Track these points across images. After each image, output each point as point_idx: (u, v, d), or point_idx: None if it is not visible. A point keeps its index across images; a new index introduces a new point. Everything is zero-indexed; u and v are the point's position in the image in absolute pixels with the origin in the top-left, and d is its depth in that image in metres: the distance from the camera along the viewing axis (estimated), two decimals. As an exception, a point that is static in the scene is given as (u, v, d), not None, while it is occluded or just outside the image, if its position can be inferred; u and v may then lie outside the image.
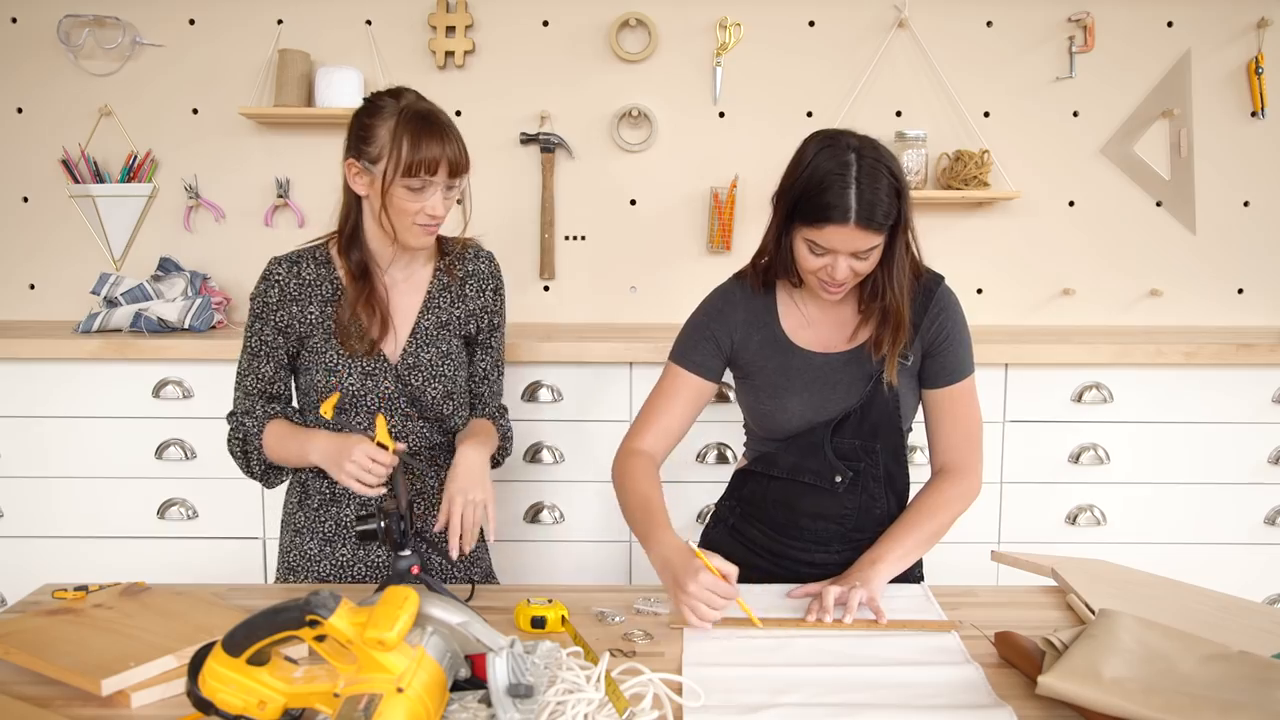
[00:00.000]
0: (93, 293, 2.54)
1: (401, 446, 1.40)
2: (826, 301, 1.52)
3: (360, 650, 0.88)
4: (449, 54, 2.73)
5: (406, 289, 1.60)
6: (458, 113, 2.75)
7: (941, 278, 1.54)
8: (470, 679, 0.97)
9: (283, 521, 1.68)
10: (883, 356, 1.47)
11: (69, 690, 1.05)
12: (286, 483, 1.67)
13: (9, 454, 2.35)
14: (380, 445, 1.37)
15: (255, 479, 1.60)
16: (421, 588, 0.96)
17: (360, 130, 1.53)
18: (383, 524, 1.24)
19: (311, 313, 1.56)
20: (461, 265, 1.64)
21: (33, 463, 2.35)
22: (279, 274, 1.57)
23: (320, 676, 0.93)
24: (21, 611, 1.25)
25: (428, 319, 1.59)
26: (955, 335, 1.51)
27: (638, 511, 1.46)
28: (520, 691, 0.91)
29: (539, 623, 1.22)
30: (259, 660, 0.92)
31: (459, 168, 1.49)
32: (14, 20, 2.74)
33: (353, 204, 1.58)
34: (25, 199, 2.79)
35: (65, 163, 2.74)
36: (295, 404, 1.63)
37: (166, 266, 2.68)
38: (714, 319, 1.57)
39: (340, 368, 1.54)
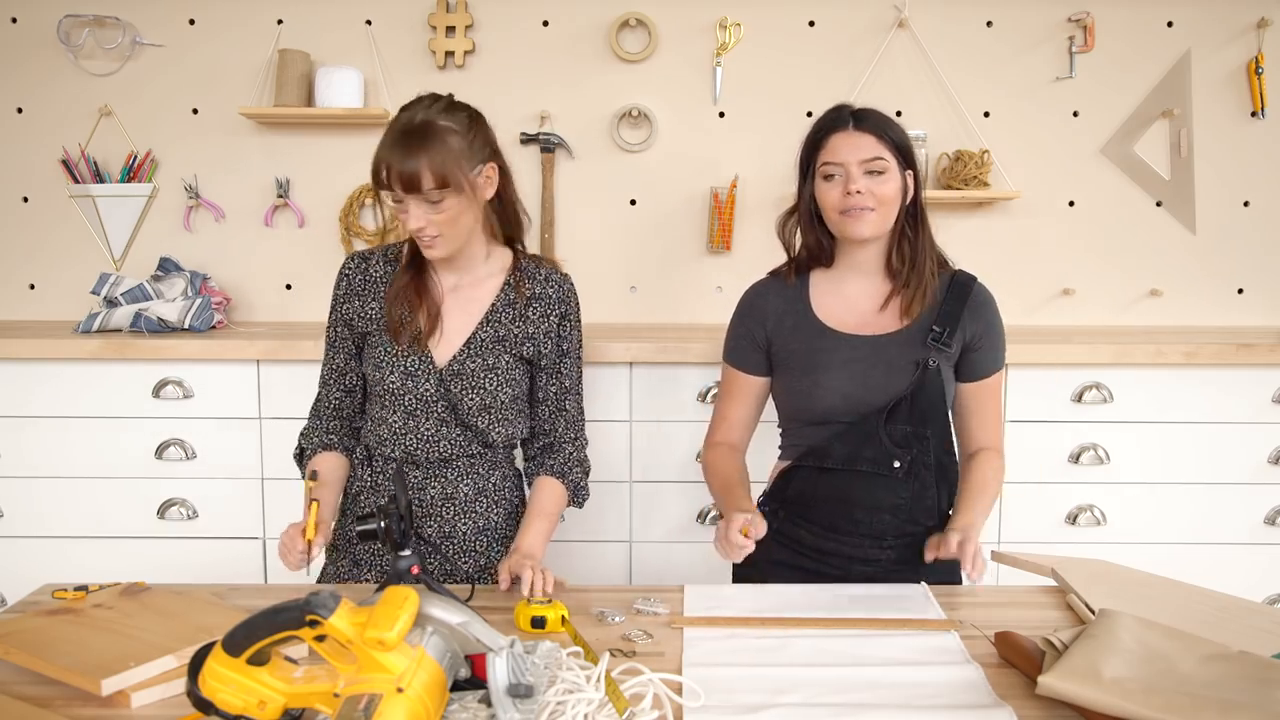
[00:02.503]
0: (93, 293, 2.54)
1: (319, 541, 1.42)
2: (856, 268, 1.57)
3: (360, 650, 0.88)
4: (449, 54, 2.73)
5: (467, 297, 1.60)
6: (458, 113, 2.75)
7: (974, 275, 1.61)
8: (470, 679, 0.97)
9: (331, 547, 1.70)
10: (925, 338, 1.52)
11: (69, 690, 1.05)
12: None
13: (9, 454, 2.35)
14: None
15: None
16: (421, 588, 0.96)
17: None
18: (383, 524, 1.24)
19: (372, 308, 1.60)
20: (530, 285, 1.62)
21: (33, 463, 2.35)
22: (349, 269, 1.63)
23: (320, 676, 0.93)
24: (21, 611, 1.25)
25: (485, 331, 1.59)
26: (996, 330, 1.59)
27: (720, 491, 1.60)
28: (520, 691, 0.91)
29: (539, 623, 1.23)
30: (259, 660, 0.92)
31: (413, 184, 1.43)
32: (14, 20, 2.74)
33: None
34: (25, 199, 2.79)
35: (65, 163, 2.74)
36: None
37: (166, 266, 2.68)
38: (747, 316, 1.64)
39: (385, 364, 1.57)
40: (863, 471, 1.53)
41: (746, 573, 1.63)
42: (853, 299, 1.58)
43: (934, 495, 1.54)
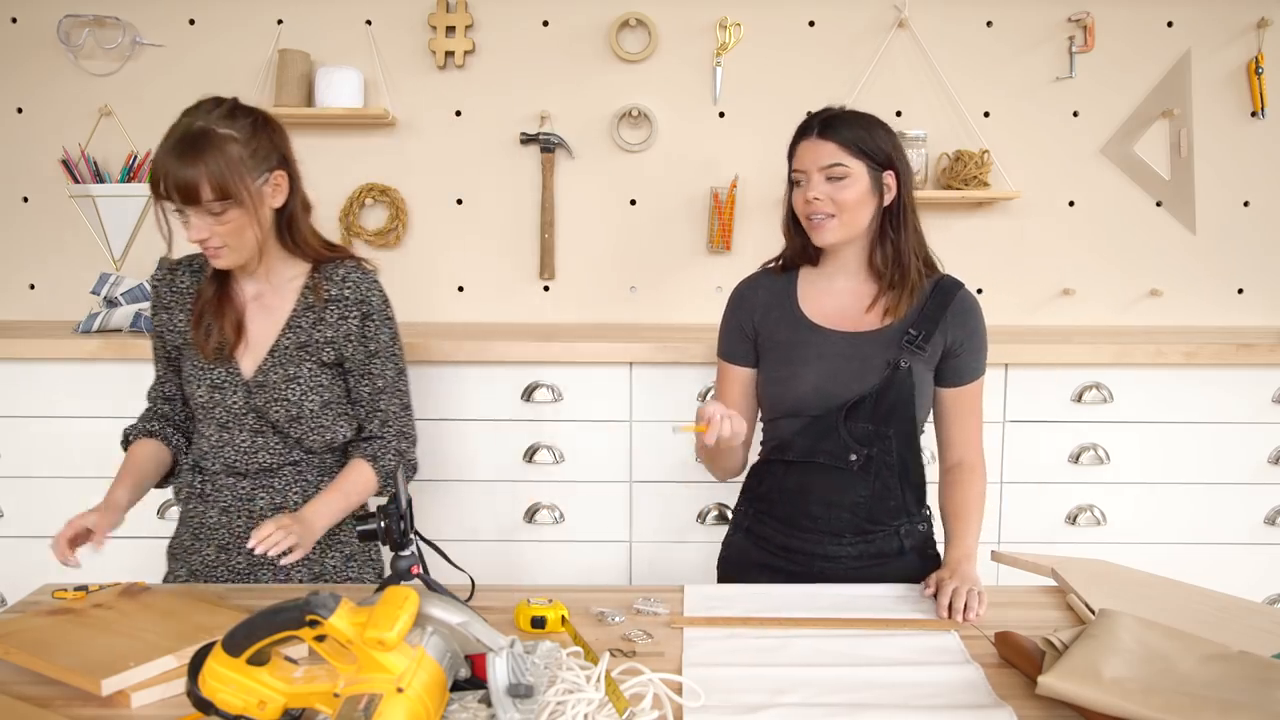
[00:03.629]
0: (93, 293, 2.54)
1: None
2: (840, 267, 1.60)
3: (360, 650, 0.88)
4: (449, 54, 2.73)
5: (267, 305, 1.58)
6: (457, 113, 2.76)
7: (960, 282, 1.61)
8: (470, 679, 0.97)
9: (180, 519, 1.68)
10: (901, 339, 1.53)
11: (69, 690, 1.05)
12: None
13: (9, 454, 2.35)
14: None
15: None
16: (421, 588, 0.96)
17: None
18: (383, 524, 1.24)
19: (179, 320, 1.59)
20: (328, 286, 1.57)
21: (33, 463, 2.35)
22: (157, 280, 1.63)
23: (320, 676, 0.93)
24: (21, 611, 1.25)
25: (287, 338, 1.56)
26: (976, 336, 1.58)
27: (704, 454, 1.65)
28: (520, 691, 0.91)
29: (539, 623, 1.22)
30: (259, 660, 0.92)
31: (191, 194, 1.39)
32: (14, 20, 2.74)
33: None
34: (25, 199, 2.79)
35: (65, 163, 2.74)
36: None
37: (166, 266, 2.67)
38: (736, 309, 1.67)
39: (193, 378, 1.57)
40: (821, 464, 1.54)
41: (727, 572, 1.69)
42: (839, 296, 1.61)
43: (898, 496, 1.55)
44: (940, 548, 1.59)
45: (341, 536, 1.65)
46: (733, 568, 1.67)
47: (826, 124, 1.53)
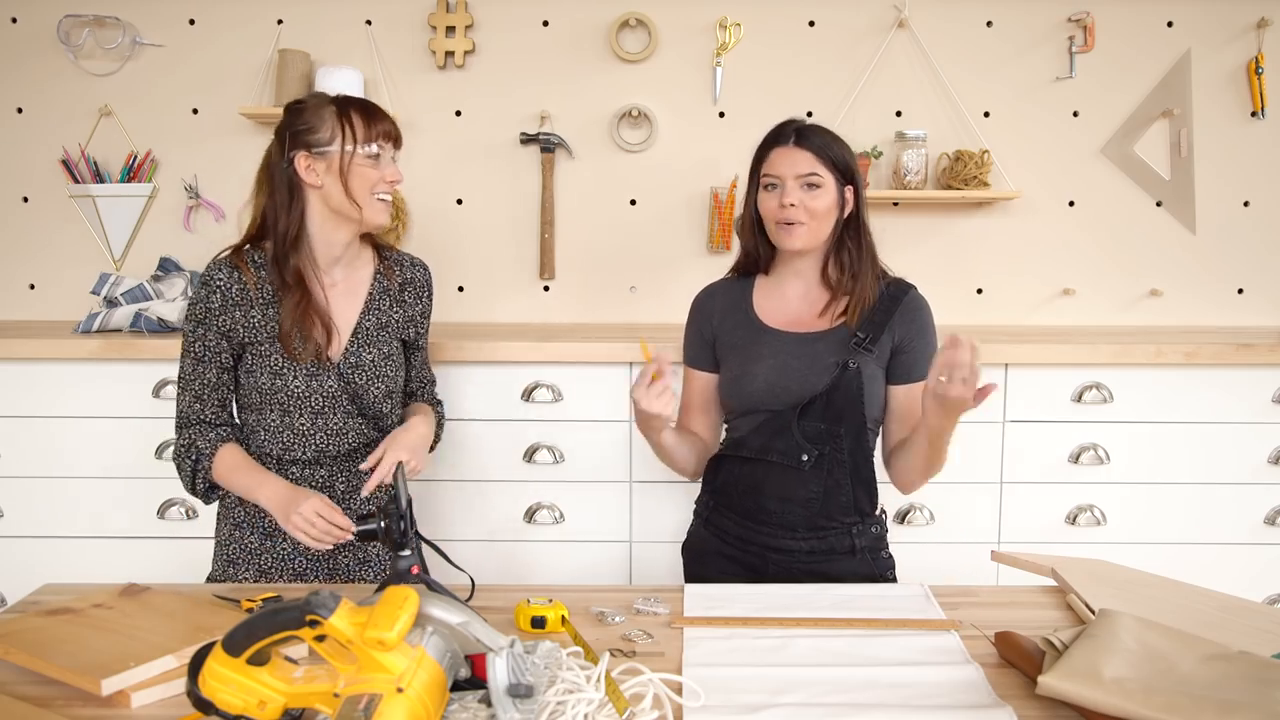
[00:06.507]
0: (93, 293, 2.54)
1: (349, 531, 1.44)
2: (795, 274, 1.66)
3: (360, 650, 0.88)
4: (449, 54, 2.73)
5: (346, 290, 1.65)
6: (457, 113, 2.76)
7: (912, 285, 1.67)
8: (470, 679, 0.97)
9: (219, 515, 1.71)
10: (850, 340, 1.59)
11: (69, 690, 1.05)
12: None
13: (9, 454, 2.35)
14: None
15: (195, 495, 1.63)
16: (421, 588, 0.96)
17: (301, 125, 1.57)
18: (383, 524, 1.24)
19: (254, 317, 1.59)
20: (400, 271, 1.72)
21: (33, 463, 2.35)
22: (220, 279, 1.58)
23: (320, 676, 0.93)
24: (21, 611, 1.25)
25: (369, 320, 1.65)
26: (925, 334, 1.64)
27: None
28: (520, 691, 0.91)
29: (539, 623, 1.22)
30: (259, 660, 0.92)
31: (400, 139, 1.64)
32: (14, 20, 2.74)
33: (291, 209, 1.57)
34: (25, 199, 2.79)
35: (65, 163, 2.74)
36: (235, 411, 1.67)
37: (166, 266, 2.68)
38: (696, 316, 1.75)
39: (285, 370, 1.58)
40: (774, 463, 1.60)
41: (689, 561, 1.75)
42: (791, 301, 1.67)
43: (848, 493, 1.60)
44: (893, 549, 1.68)
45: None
46: (694, 556, 1.74)
47: (801, 134, 1.60)
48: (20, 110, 2.76)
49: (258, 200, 1.62)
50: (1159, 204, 2.79)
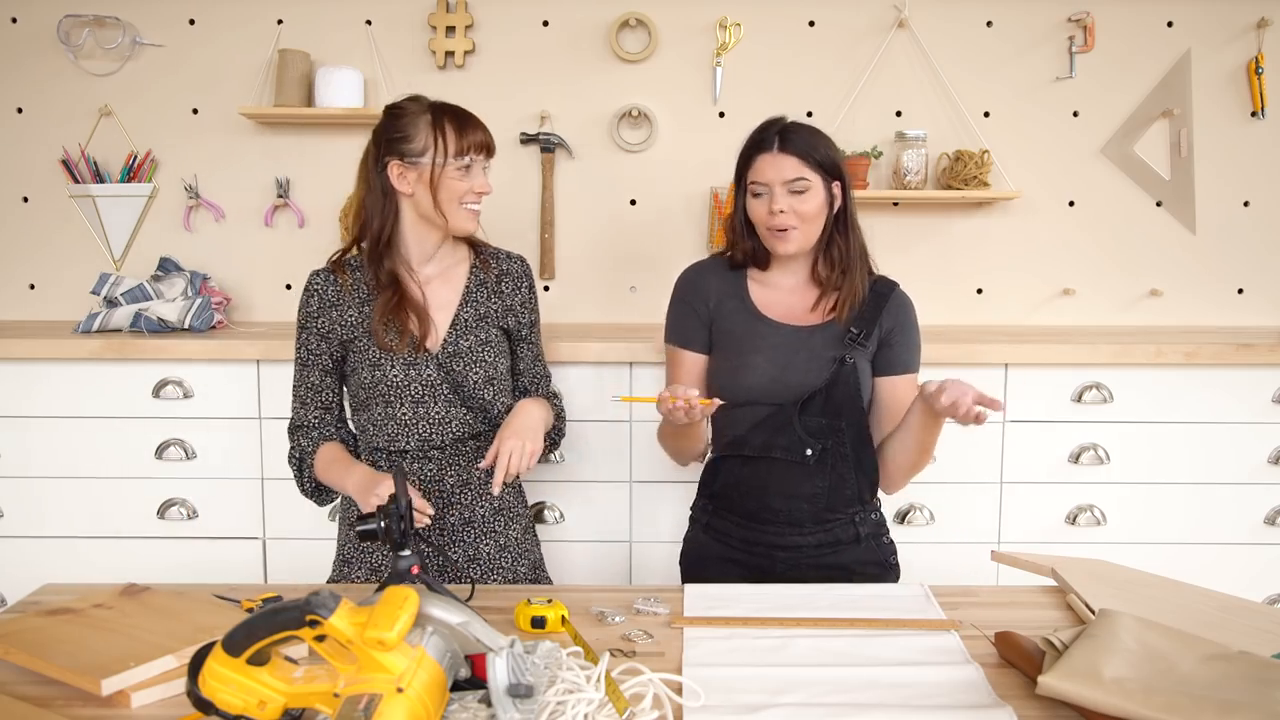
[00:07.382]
0: (93, 293, 2.54)
1: (428, 514, 1.45)
2: (787, 270, 1.67)
3: (360, 650, 0.88)
4: (449, 54, 2.73)
5: (442, 284, 1.67)
6: (458, 113, 2.75)
7: (896, 283, 1.69)
8: (470, 679, 0.97)
9: (340, 516, 1.75)
10: (844, 336, 1.60)
11: (69, 690, 1.05)
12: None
13: (9, 454, 2.35)
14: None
15: (307, 497, 1.67)
16: (421, 588, 0.96)
17: (396, 133, 1.58)
18: (383, 524, 1.24)
19: (350, 315, 1.63)
20: (496, 264, 1.73)
21: (33, 463, 2.35)
22: (316, 283, 1.65)
23: (320, 676, 0.93)
24: (21, 611, 1.25)
25: (466, 311, 1.67)
26: (908, 329, 1.66)
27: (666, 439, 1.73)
28: (520, 691, 0.91)
29: (539, 623, 1.22)
30: (259, 660, 0.92)
31: (494, 148, 1.64)
32: (14, 20, 2.74)
33: (385, 211, 1.61)
34: (25, 199, 2.79)
35: (65, 163, 2.74)
36: (348, 413, 1.71)
37: (166, 266, 2.68)
38: (689, 292, 1.71)
39: (384, 361, 1.61)
40: (778, 459, 1.60)
41: (688, 569, 1.74)
42: (786, 294, 1.68)
43: (852, 485, 1.61)
44: (893, 534, 1.70)
45: (496, 526, 1.70)
46: (693, 564, 1.73)
47: (784, 137, 1.59)
48: (20, 110, 2.76)
49: (358, 194, 1.67)
50: (1159, 204, 2.79)
